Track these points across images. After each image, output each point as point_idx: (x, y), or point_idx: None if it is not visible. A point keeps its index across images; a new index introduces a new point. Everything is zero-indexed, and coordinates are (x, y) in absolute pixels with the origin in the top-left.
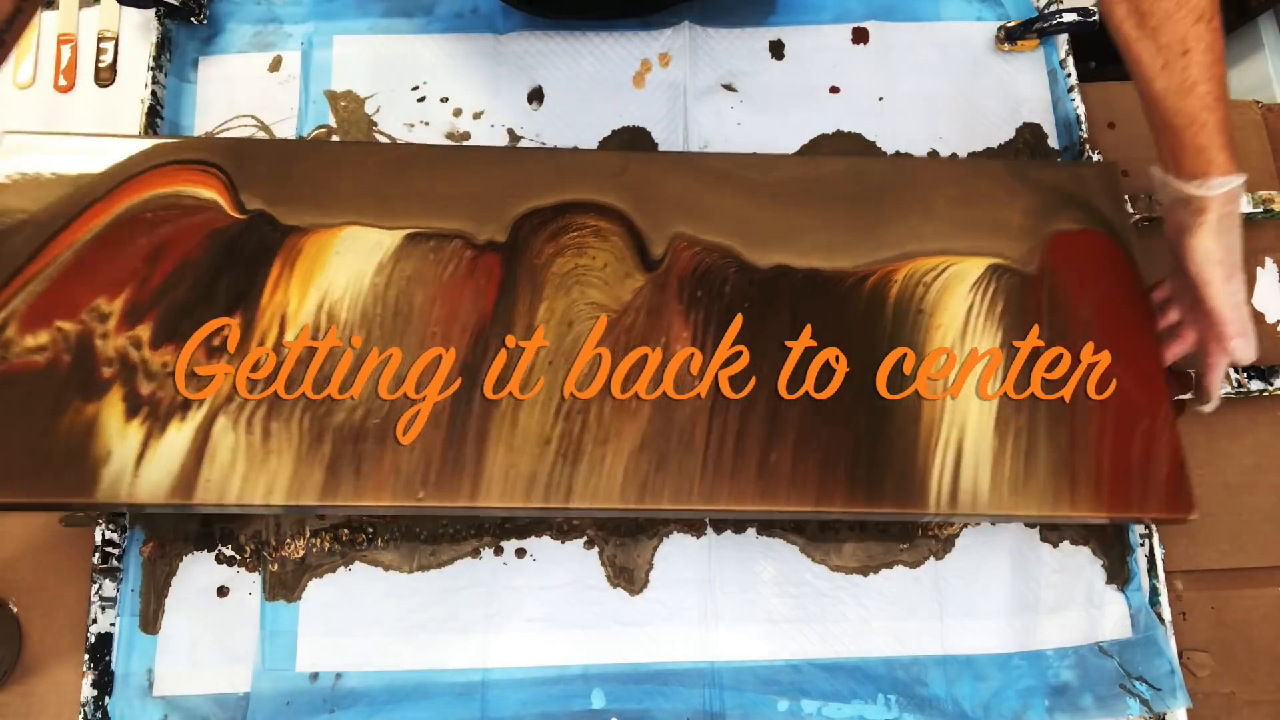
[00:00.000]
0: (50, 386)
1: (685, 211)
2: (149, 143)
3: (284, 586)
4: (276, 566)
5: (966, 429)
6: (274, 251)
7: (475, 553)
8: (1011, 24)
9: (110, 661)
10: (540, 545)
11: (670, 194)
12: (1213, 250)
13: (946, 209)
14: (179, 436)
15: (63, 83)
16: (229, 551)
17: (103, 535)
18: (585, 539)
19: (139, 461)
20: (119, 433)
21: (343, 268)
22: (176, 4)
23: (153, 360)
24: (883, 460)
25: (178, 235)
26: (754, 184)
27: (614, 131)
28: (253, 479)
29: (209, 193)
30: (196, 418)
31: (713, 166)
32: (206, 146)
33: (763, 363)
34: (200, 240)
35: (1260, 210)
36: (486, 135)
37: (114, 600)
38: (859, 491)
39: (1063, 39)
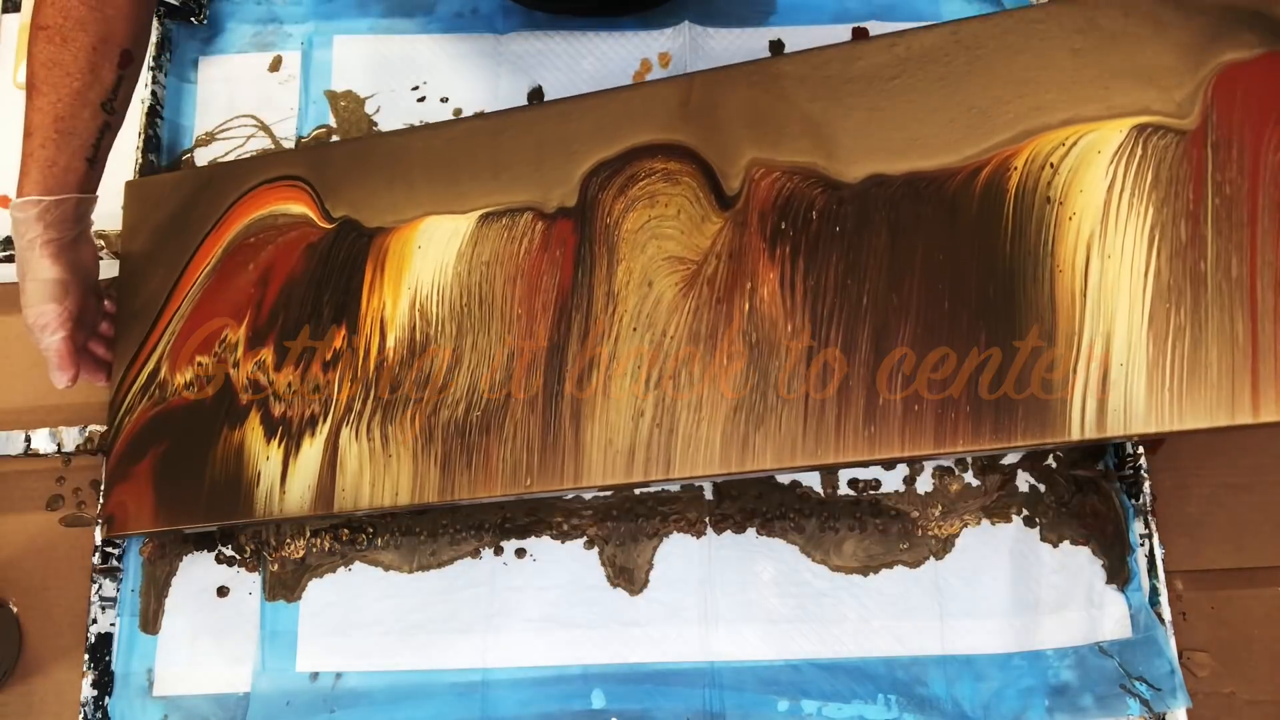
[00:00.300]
0: (202, 419)
1: (759, 133)
2: (240, 164)
3: (284, 586)
4: (276, 566)
5: (1114, 331)
6: (364, 257)
7: (475, 553)
8: None
9: (110, 661)
10: (540, 545)
11: (740, 115)
12: None
13: (1072, 65)
14: (312, 451)
15: None
16: (229, 551)
17: (103, 535)
18: (585, 539)
19: (283, 479)
20: (263, 453)
21: (427, 262)
22: (176, 4)
23: (278, 382)
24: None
25: (278, 255)
26: (834, 82)
27: None
28: (379, 484)
29: (299, 207)
30: (324, 431)
31: (786, 71)
32: (287, 160)
33: (863, 293)
34: (298, 257)
35: None
36: None
37: (114, 600)
38: (985, 424)
39: None
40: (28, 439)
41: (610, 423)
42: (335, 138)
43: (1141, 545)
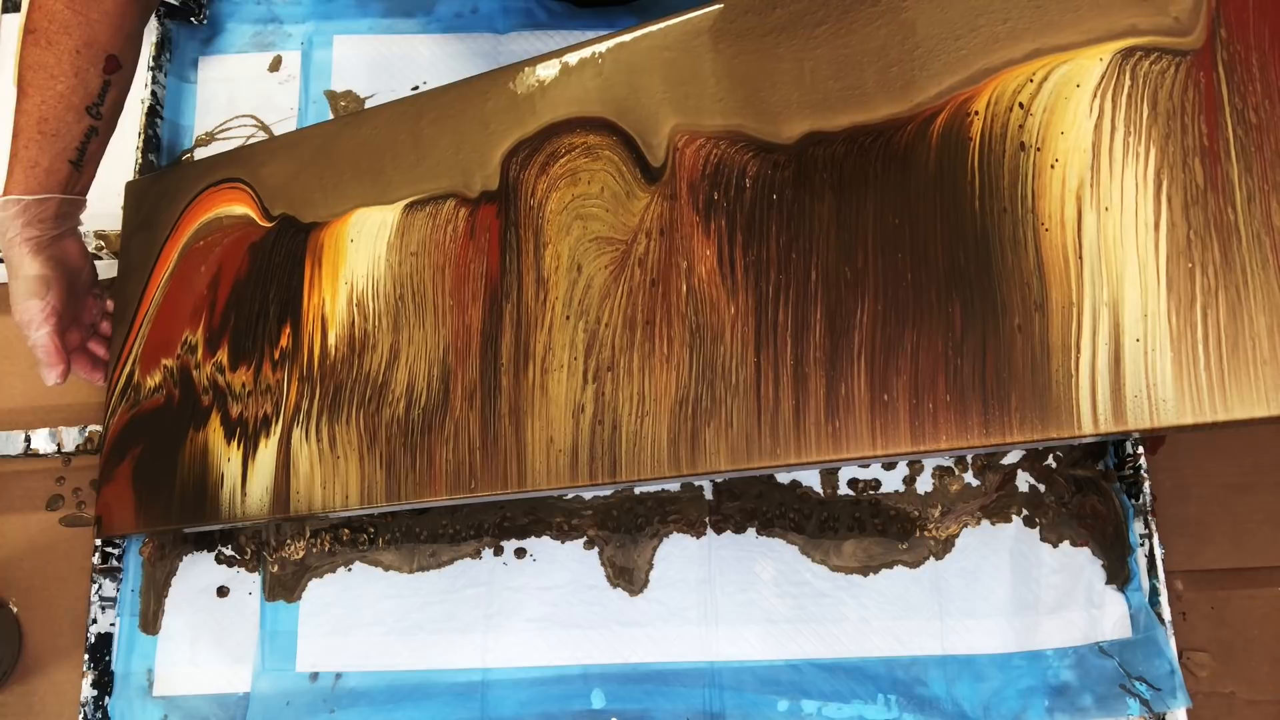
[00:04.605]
0: (170, 421)
1: (678, 97)
2: (190, 167)
3: (284, 587)
4: (276, 567)
5: (1122, 299)
6: (302, 253)
7: (475, 553)
8: None
9: (110, 661)
10: (540, 545)
11: (657, 80)
12: None
13: None
14: (267, 453)
15: None
16: (229, 551)
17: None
18: (585, 539)
19: (244, 481)
20: (225, 455)
21: (360, 255)
22: (176, 4)
23: (234, 383)
24: (1000, 366)
25: (226, 256)
26: (753, 35)
27: None
28: (330, 486)
29: (241, 208)
30: (276, 433)
31: (700, 28)
32: (228, 162)
33: (810, 267)
34: (243, 257)
35: None
36: None
37: (114, 600)
38: (972, 418)
39: None
40: (28, 439)
41: (550, 420)
42: None
43: (1141, 545)
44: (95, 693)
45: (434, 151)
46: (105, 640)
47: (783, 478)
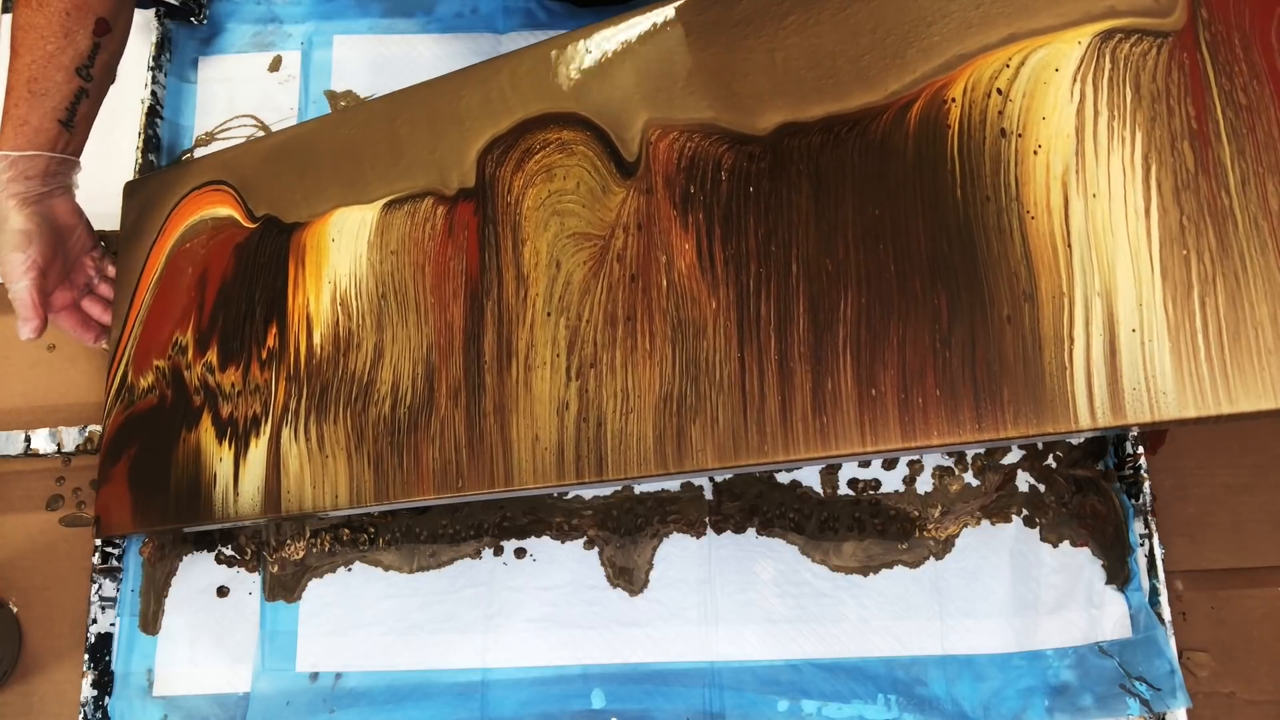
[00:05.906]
0: (163, 421)
1: (650, 90)
2: (174, 171)
3: (284, 587)
4: (276, 567)
5: (1115, 288)
6: (286, 253)
7: (475, 553)
8: None
9: (110, 661)
10: (540, 545)
11: (630, 75)
12: None
13: None
14: (258, 452)
15: None
16: (229, 551)
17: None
18: (585, 539)
19: (236, 481)
20: (216, 455)
21: (342, 255)
22: (176, 4)
23: (224, 383)
24: (990, 359)
25: (212, 258)
26: (721, 27)
27: None
28: (319, 485)
29: (226, 210)
30: (266, 432)
31: (669, 19)
32: (211, 165)
33: (790, 260)
34: (229, 258)
35: None
36: None
37: (114, 600)
38: (963, 412)
39: None
40: (28, 439)
41: (535, 417)
42: None
43: (1141, 545)
44: (95, 693)
45: (410, 150)
46: (105, 640)
47: (782, 477)
